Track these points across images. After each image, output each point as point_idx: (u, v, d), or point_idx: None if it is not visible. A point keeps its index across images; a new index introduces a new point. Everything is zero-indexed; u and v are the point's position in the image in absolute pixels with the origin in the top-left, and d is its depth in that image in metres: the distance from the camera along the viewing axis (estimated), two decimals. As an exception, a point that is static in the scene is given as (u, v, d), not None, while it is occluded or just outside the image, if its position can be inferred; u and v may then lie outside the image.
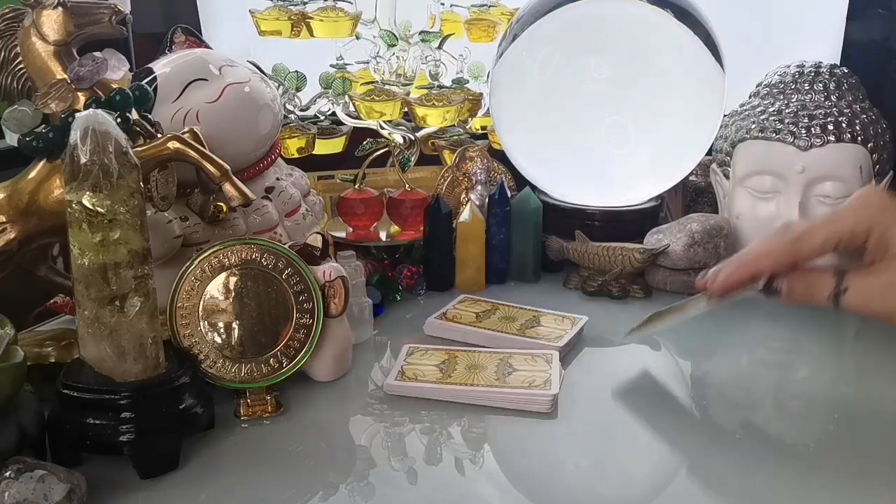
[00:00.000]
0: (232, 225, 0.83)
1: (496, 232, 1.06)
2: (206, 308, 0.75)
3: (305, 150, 1.15)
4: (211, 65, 0.85)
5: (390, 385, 0.78)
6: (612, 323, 0.94)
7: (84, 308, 0.65)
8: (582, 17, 1.07)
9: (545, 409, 0.74)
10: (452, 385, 0.77)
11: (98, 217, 0.62)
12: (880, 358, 0.88)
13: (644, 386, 0.81)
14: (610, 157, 1.08)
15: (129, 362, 0.65)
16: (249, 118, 0.85)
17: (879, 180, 1.04)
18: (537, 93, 1.08)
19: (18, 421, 0.62)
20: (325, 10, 1.12)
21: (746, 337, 0.93)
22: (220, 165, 0.75)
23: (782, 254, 0.66)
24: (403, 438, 0.73)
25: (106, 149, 0.62)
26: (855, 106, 1.03)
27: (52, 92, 0.72)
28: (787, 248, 0.66)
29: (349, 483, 0.66)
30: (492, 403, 0.75)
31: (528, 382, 0.76)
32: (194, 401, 0.68)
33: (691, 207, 1.22)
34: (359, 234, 1.09)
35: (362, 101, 1.11)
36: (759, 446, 0.71)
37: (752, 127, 1.04)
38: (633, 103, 1.05)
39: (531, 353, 0.82)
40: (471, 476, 0.67)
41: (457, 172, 1.16)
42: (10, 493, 0.55)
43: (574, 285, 1.06)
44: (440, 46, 1.15)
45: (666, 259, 1.03)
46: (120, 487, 0.64)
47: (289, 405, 0.76)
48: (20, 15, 0.73)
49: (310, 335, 0.76)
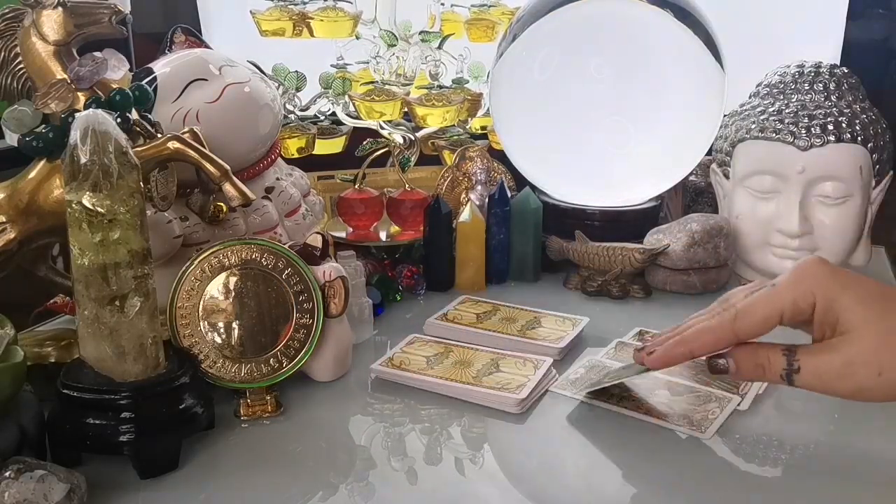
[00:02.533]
0: (232, 225, 0.83)
1: (496, 232, 1.06)
2: (206, 308, 0.75)
3: (305, 150, 1.15)
4: (211, 65, 0.85)
5: (375, 369, 0.81)
6: (613, 323, 0.94)
7: (84, 308, 0.65)
8: (582, 17, 1.07)
9: (514, 410, 0.75)
10: (432, 377, 0.79)
11: (98, 217, 0.62)
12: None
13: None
14: (610, 157, 1.08)
15: (129, 362, 0.65)
16: (249, 118, 0.85)
17: (879, 180, 1.04)
18: (537, 93, 1.08)
19: (18, 421, 0.62)
20: (325, 10, 1.12)
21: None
22: (220, 165, 0.75)
23: (723, 332, 0.63)
24: (403, 438, 0.73)
25: (106, 149, 0.62)
26: (855, 106, 1.03)
27: (52, 92, 0.72)
28: (727, 327, 0.62)
29: (349, 483, 0.66)
30: (465, 399, 0.77)
31: (502, 384, 0.77)
32: (194, 401, 0.68)
33: (691, 207, 1.23)
34: (359, 234, 1.09)
35: (362, 101, 1.11)
36: (758, 446, 0.71)
37: (752, 127, 1.04)
38: (633, 103, 1.05)
39: (524, 356, 0.82)
40: (471, 476, 0.67)
41: (457, 172, 1.16)
42: (10, 493, 0.55)
43: (574, 285, 1.06)
44: (440, 46, 1.15)
45: (666, 259, 1.03)
46: (120, 487, 0.64)
47: (289, 405, 0.76)
48: (20, 15, 0.73)
49: (310, 335, 0.76)
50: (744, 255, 1.08)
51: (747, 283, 1.06)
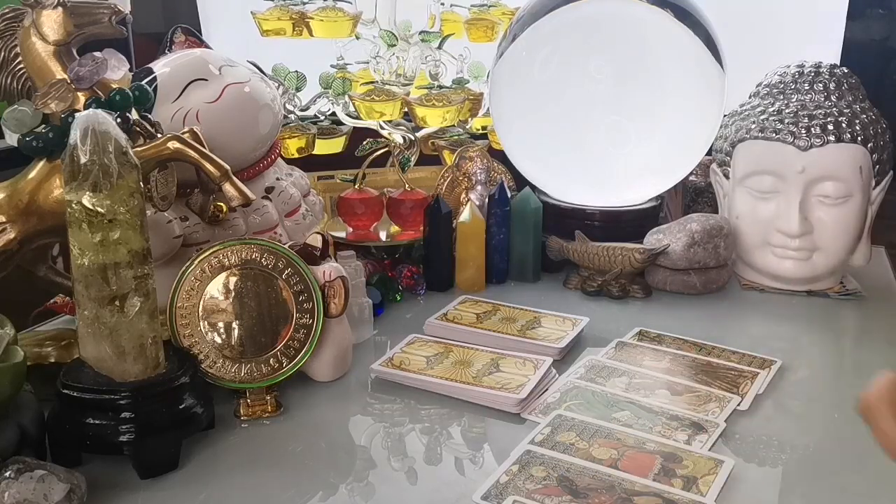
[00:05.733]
0: (232, 225, 0.83)
1: (496, 232, 1.06)
2: (206, 308, 0.75)
3: (305, 150, 1.15)
4: (211, 65, 0.85)
5: (375, 369, 0.81)
6: (613, 323, 0.94)
7: (84, 308, 0.65)
8: (582, 17, 1.07)
9: (514, 410, 0.75)
10: (432, 377, 0.79)
11: (98, 217, 0.62)
12: (880, 358, 0.88)
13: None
14: (610, 157, 1.08)
15: (129, 362, 0.65)
16: (249, 118, 0.85)
17: (879, 180, 1.04)
18: (537, 93, 1.08)
19: (18, 421, 0.62)
20: (325, 10, 1.12)
21: (747, 337, 0.93)
22: (220, 165, 0.75)
23: None
24: (403, 438, 0.73)
25: (106, 149, 0.62)
26: (855, 106, 1.03)
27: (52, 92, 0.72)
28: None
29: (349, 483, 0.66)
30: (465, 399, 0.77)
31: (502, 384, 0.77)
32: (194, 401, 0.68)
33: (691, 207, 1.23)
34: (359, 234, 1.09)
35: (362, 101, 1.11)
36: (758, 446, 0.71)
37: (752, 127, 1.04)
38: (633, 103, 1.05)
39: (524, 356, 0.82)
40: (471, 476, 0.67)
41: (457, 172, 1.16)
42: (10, 493, 0.55)
43: (574, 285, 1.06)
44: (440, 46, 1.15)
45: (666, 259, 1.03)
46: (120, 487, 0.64)
47: (289, 405, 0.76)
48: (20, 15, 0.73)
49: (310, 335, 0.76)
50: (744, 255, 1.08)
51: (747, 282, 1.07)
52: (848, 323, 0.99)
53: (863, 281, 1.07)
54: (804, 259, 1.03)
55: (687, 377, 0.81)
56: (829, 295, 1.04)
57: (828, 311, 1.01)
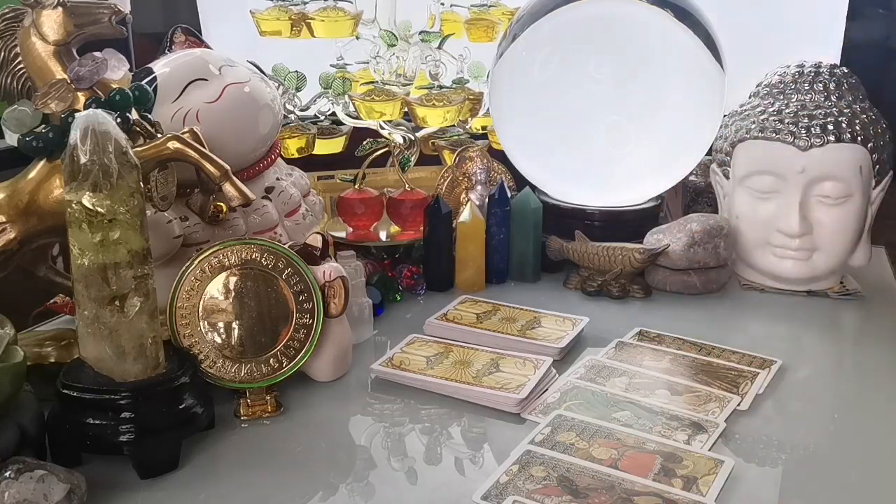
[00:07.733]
0: (232, 225, 0.83)
1: (496, 232, 1.06)
2: (206, 308, 0.75)
3: (305, 150, 1.15)
4: (211, 65, 0.85)
5: (375, 369, 0.81)
6: (613, 323, 0.94)
7: (84, 308, 0.65)
8: (582, 17, 1.07)
9: (514, 410, 0.75)
10: (432, 377, 0.79)
11: (98, 217, 0.62)
12: (880, 358, 0.88)
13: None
14: (610, 157, 1.08)
15: (129, 362, 0.65)
16: (249, 118, 0.85)
17: (879, 180, 1.04)
18: (537, 93, 1.08)
19: (18, 421, 0.62)
20: (325, 10, 1.12)
21: (747, 337, 0.93)
22: (220, 165, 0.75)
23: None
24: (403, 438, 0.73)
25: (106, 149, 0.62)
26: (855, 106, 1.03)
27: (52, 92, 0.72)
28: None
29: (349, 483, 0.66)
30: (465, 399, 0.77)
31: (502, 384, 0.77)
32: (194, 401, 0.68)
33: (691, 207, 1.23)
34: (359, 234, 1.09)
35: (362, 101, 1.11)
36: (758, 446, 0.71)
37: (752, 127, 1.04)
38: (633, 103, 1.05)
39: (524, 356, 0.82)
40: (471, 476, 0.67)
41: (457, 172, 1.16)
42: (10, 493, 0.55)
43: (574, 285, 1.06)
44: (440, 46, 1.15)
45: (666, 259, 1.03)
46: (120, 487, 0.64)
47: (289, 405, 0.76)
48: (20, 15, 0.73)
49: (310, 335, 0.76)
50: (744, 255, 1.08)
51: (747, 282, 1.07)
52: (848, 323, 0.99)
53: (863, 281, 1.07)
54: (804, 259, 1.03)
55: (687, 377, 0.81)
56: (829, 295, 1.04)
57: (828, 311, 1.01)
